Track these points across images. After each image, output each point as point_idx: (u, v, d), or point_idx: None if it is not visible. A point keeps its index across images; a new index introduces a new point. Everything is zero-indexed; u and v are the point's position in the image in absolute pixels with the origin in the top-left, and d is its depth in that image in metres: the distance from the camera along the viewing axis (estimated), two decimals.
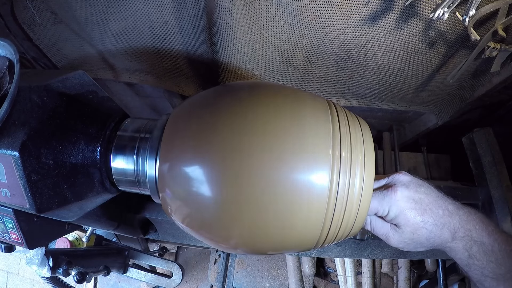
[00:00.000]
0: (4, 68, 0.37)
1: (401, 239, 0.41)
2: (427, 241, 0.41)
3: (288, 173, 0.35)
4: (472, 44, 0.60)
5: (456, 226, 0.40)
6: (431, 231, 0.40)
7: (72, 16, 0.69)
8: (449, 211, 0.40)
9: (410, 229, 0.40)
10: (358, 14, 0.58)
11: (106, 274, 0.80)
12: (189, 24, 0.65)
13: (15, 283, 1.83)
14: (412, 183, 0.41)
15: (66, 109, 0.40)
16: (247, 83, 0.46)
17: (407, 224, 0.40)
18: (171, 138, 0.39)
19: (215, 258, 0.91)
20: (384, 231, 0.43)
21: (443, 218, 0.40)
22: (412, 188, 0.40)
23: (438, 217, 0.40)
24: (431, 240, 0.40)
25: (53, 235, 0.54)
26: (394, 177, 0.43)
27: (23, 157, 0.35)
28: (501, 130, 0.81)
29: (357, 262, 1.17)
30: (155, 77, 0.86)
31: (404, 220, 0.40)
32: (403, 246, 0.42)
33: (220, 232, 0.39)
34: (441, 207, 0.40)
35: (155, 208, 0.73)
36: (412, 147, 1.06)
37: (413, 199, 0.40)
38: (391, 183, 0.42)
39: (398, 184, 0.41)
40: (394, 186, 0.41)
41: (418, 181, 0.42)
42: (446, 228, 0.40)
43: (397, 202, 0.40)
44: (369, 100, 0.87)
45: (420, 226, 0.40)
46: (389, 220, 0.42)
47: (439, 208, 0.40)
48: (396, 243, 0.42)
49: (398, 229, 0.41)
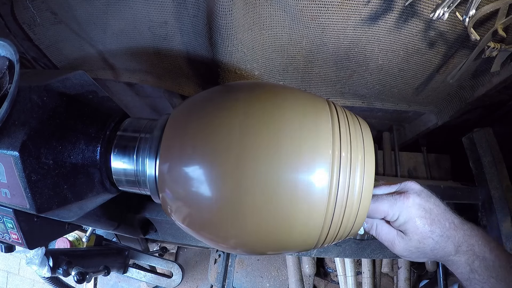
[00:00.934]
0: (4, 68, 0.37)
1: (407, 247, 0.41)
2: (432, 252, 0.41)
3: (288, 173, 0.35)
4: (472, 44, 0.60)
5: (460, 240, 0.40)
6: (437, 242, 0.40)
7: (72, 16, 0.69)
8: (454, 225, 0.40)
9: (417, 237, 0.40)
10: (358, 14, 0.58)
11: (106, 274, 0.80)
12: (189, 24, 0.65)
13: (15, 283, 1.83)
14: (423, 192, 0.42)
15: (66, 109, 0.40)
16: (247, 83, 0.46)
17: (416, 232, 0.40)
18: (171, 138, 0.39)
19: (215, 258, 0.91)
20: (390, 237, 0.43)
21: (449, 231, 0.40)
22: (423, 197, 0.41)
23: (445, 229, 0.40)
24: (435, 251, 0.41)
25: (53, 235, 0.54)
26: (406, 184, 0.43)
27: (23, 157, 0.35)
28: (501, 130, 0.81)
29: (357, 262, 1.17)
30: (155, 77, 0.86)
31: (413, 227, 0.40)
32: (407, 254, 0.42)
33: (220, 232, 0.39)
34: (448, 220, 0.40)
35: (155, 208, 0.73)
36: (412, 147, 1.06)
37: (424, 208, 0.40)
38: (403, 189, 0.42)
39: (411, 191, 0.41)
40: (407, 193, 0.41)
41: (428, 192, 0.42)
42: (451, 241, 0.40)
43: (409, 208, 0.40)
44: (369, 100, 0.87)
45: (427, 235, 0.40)
46: (397, 226, 0.42)
47: (446, 220, 0.40)
48: (401, 250, 0.42)
49: (405, 237, 0.41)
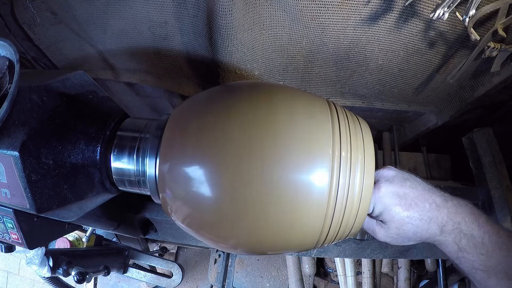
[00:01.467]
0: (4, 68, 0.37)
1: (388, 234, 0.41)
2: (414, 235, 0.40)
3: (288, 173, 0.35)
4: (472, 44, 0.60)
5: (444, 220, 0.39)
6: (417, 225, 0.39)
7: (72, 16, 0.69)
8: (436, 205, 0.39)
9: (395, 225, 0.40)
10: (358, 14, 0.58)
11: (106, 274, 0.80)
12: (189, 24, 0.65)
13: (15, 283, 1.83)
14: (396, 177, 0.40)
15: (66, 109, 0.40)
16: (247, 83, 0.46)
17: (392, 220, 0.39)
18: (171, 138, 0.39)
19: (215, 258, 0.91)
20: (371, 226, 0.43)
21: (430, 212, 0.39)
22: (396, 183, 0.40)
23: (424, 211, 0.39)
24: (418, 234, 0.40)
25: (53, 235, 0.54)
26: (378, 173, 0.42)
27: (23, 157, 0.35)
28: (501, 130, 0.81)
29: (357, 262, 1.17)
30: (155, 77, 0.86)
31: (389, 216, 0.39)
32: (391, 240, 0.42)
33: (220, 232, 0.39)
34: (428, 201, 0.39)
35: (155, 208, 0.73)
36: (412, 147, 1.06)
37: (398, 194, 0.39)
38: (376, 178, 0.41)
39: (382, 180, 0.41)
40: (378, 183, 0.40)
41: (403, 175, 0.41)
42: (434, 222, 0.39)
43: (381, 199, 0.39)
44: (369, 100, 0.87)
45: (405, 221, 0.39)
46: (374, 216, 0.42)
47: (425, 201, 0.39)
48: (383, 238, 0.42)
49: (384, 225, 0.41)
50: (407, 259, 1.07)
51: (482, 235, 0.38)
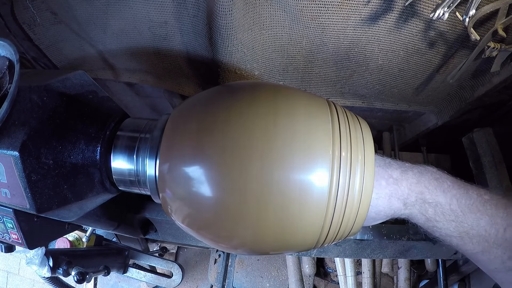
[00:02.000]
0: (4, 68, 0.37)
1: None
2: (378, 215, 0.38)
3: (288, 173, 0.35)
4: (472, 44, 0.60)
5: (405, 192, 0.36)
6: (376, 205, 0.37)
7: (72, 16, 0.69)
8: (393, 179, 0.36)
9: None
10: (358, 14, 0.58)
11: (106, 274, 0.80)
12: (189, 24, 0.65)
13: (15, 283, 1.83)
14: None
15: (66, 109, 0.40)
16: (247, 83, 0.46)
17: None
18: (171, 138, 0.39)
19: (215, 258, 0.91)
20: None
21: (388, 187, 0.36)
22: None
23: (381, 189, 0.36)
24: (381, 213, 0.37)
25: (53, 235, 0.54)
26: None
27: (23, 157, 0.35)
28: (501, 130, 0.81)
29: (357, 262, 1.17)
30: (155, 77, 0.86)
31: None
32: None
33: (220, 232, 0.39)
34: (384, 177, 0.37)
35: (155, 208, 0.73)
36: (412, 147, 1.06)
37: None
38: None
39: None
40: None
41: None
42: (394, 197, 0.36)
43: None
44: (369, 100, 0.87)
45: None
46: None
47: (381, 179, 0.37)
48: None
49: None
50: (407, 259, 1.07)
51: (449, 201, 0.35)
